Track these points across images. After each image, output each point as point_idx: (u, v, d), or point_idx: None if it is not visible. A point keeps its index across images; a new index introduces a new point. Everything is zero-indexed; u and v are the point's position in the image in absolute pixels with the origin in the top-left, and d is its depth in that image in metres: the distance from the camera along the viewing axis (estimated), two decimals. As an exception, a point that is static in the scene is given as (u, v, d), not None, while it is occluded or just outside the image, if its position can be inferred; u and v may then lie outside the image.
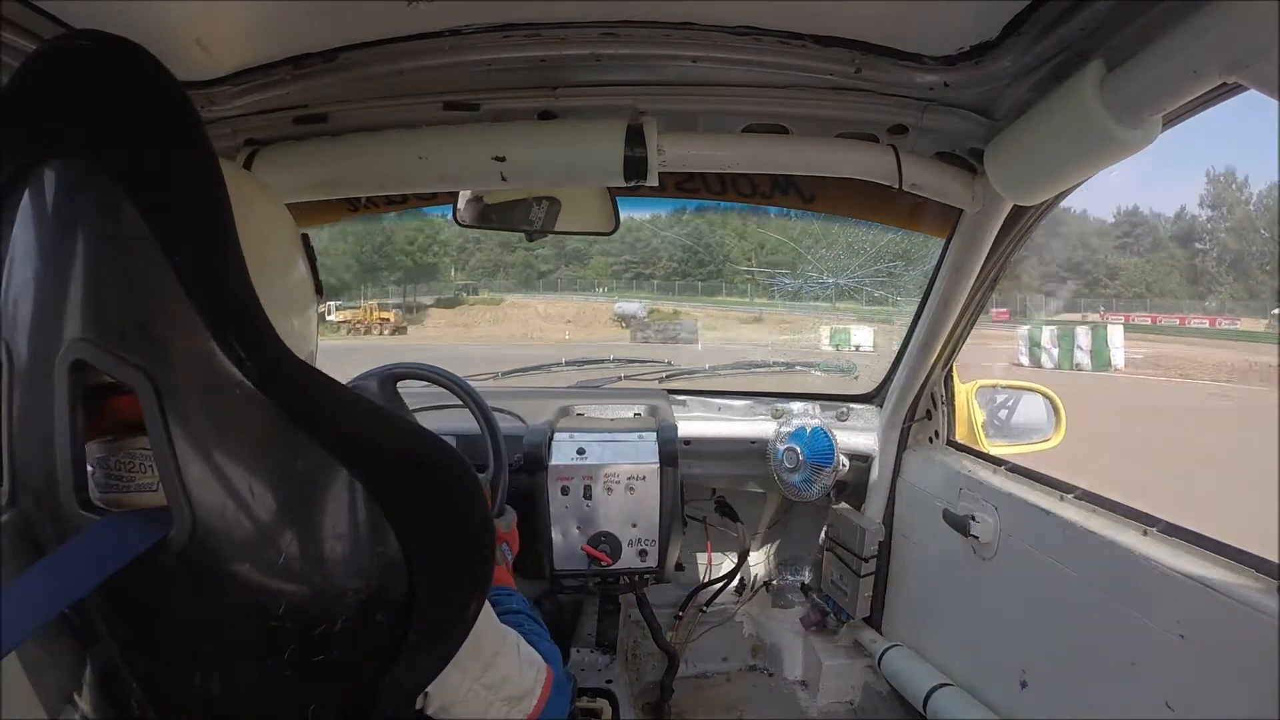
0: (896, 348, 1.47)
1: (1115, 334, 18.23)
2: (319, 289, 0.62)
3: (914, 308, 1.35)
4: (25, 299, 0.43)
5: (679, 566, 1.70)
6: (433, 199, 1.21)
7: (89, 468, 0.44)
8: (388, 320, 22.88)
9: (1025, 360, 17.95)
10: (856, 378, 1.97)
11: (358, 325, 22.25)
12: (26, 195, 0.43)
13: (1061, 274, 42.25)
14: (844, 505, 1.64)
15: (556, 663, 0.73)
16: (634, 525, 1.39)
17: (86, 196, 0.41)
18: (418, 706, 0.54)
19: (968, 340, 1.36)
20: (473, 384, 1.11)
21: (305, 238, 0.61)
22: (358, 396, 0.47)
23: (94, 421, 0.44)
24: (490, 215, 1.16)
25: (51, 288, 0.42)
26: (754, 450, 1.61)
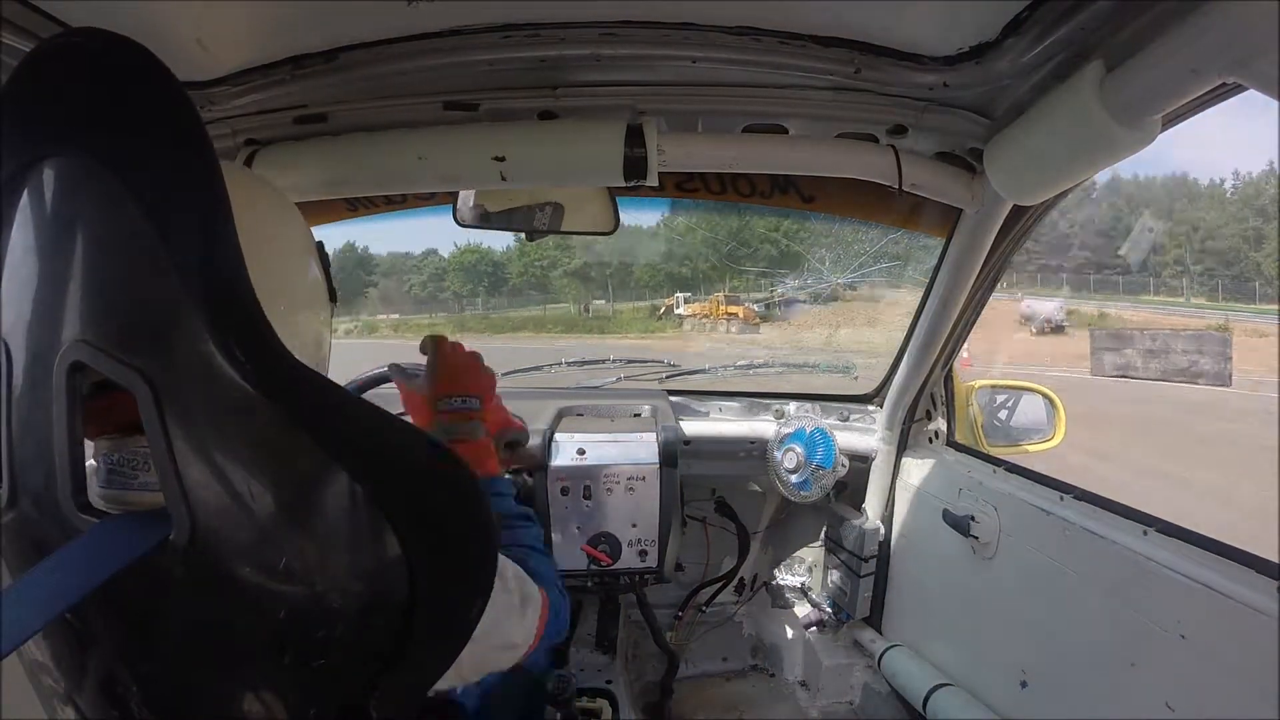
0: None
1: None
2: (333, 295, 0.62)
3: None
4: (24, 299, 0.43)
5: (679, 566, 1.70)
6: (432, 199, 1.21)
7: (94, 463, 0.44)
8: (735, 315, 19.40)
9: None
10: (856, 378, 1.97)
11: (703, 320, 19.90)
12: (26, 194, 0.43)
13: None
14: (844, 505, 1.64)
15: (550, 581, 0.71)
16: (634, 525, 1.39)
17: (87, 195, 0.41)
18: None
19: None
20: None
21: (320, 245, 0.60)
22: (358, 399, 0.47)
23: (100, 417, 0.44)
24: (490, 219, 1.16)
25: (50, 288, 0.42)
26: (754, 450, 1.61)
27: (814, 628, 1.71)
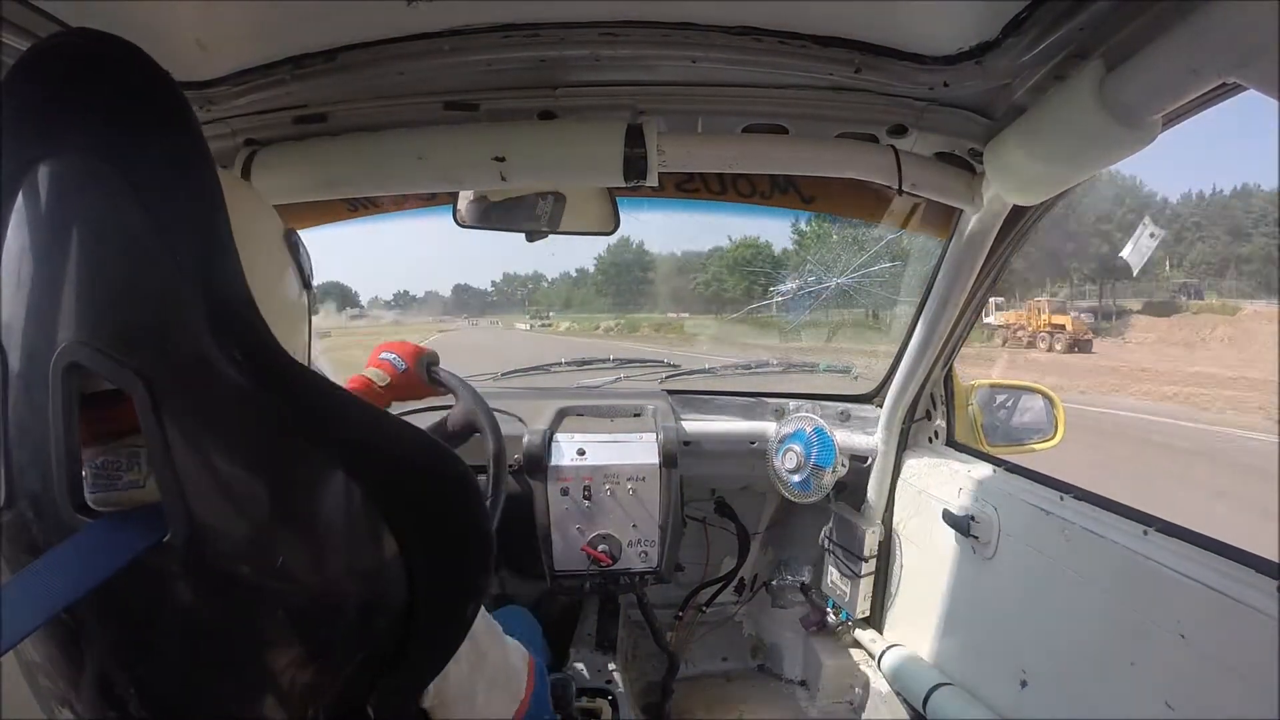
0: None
1: None
2: (307, 284, 0.60)
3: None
4: (20, 300, 0.43)
5: (679, 566, 1.70)
6: (433, 199, 1.21)
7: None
8: (1062, 328, 14.84)
9: None
10: (856, 378, 1.97)
11: (1017, 333, 15.14)
12: (21, 194, 0.42)
13: None
14: (844, 505, 1.64)
15: (537, 650, 0.74)
16: (634, 526, 1.39)
17: (83, 195, 0.41)
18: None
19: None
20: (474, 384, 1.10)
21: (290, 232, 0.58)
22: (357, 400, 0.47)
23: (90, 427, 0.44)
24: (491, 215, 1.16)
25: (47, 288, 0.42)
26: (754, 450, 1.61)
27: (814, 628, 1.72)
